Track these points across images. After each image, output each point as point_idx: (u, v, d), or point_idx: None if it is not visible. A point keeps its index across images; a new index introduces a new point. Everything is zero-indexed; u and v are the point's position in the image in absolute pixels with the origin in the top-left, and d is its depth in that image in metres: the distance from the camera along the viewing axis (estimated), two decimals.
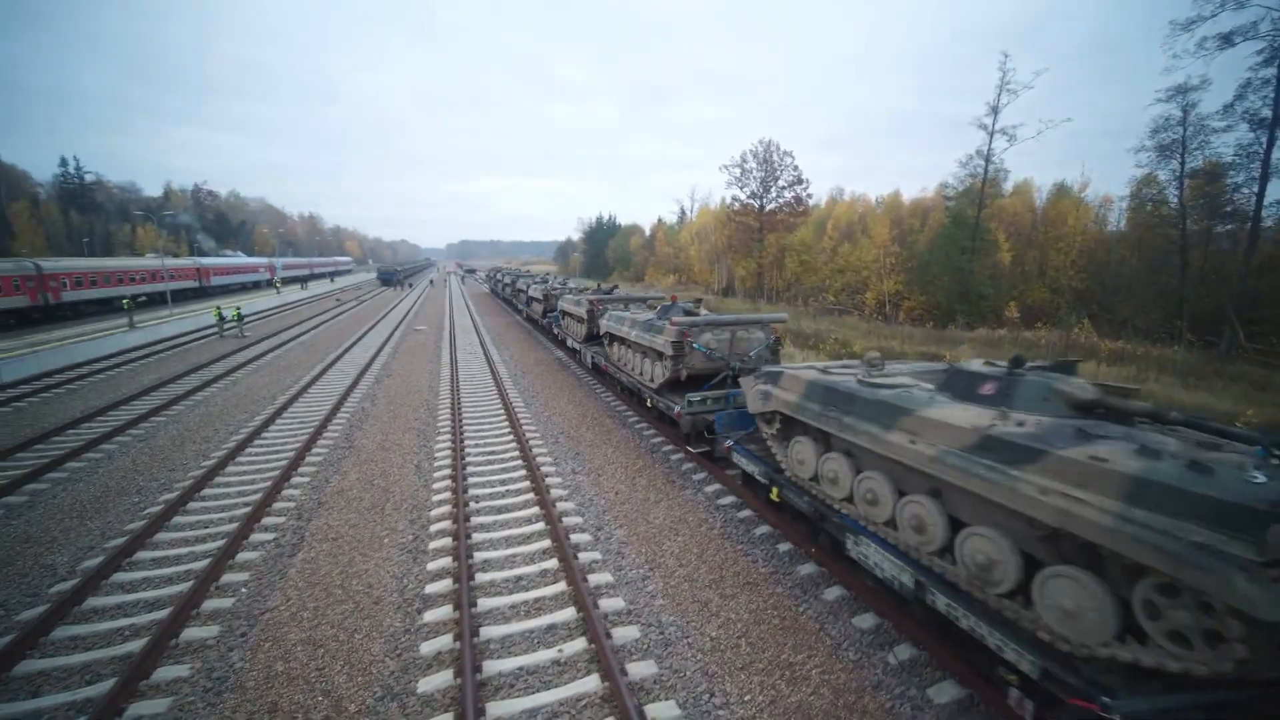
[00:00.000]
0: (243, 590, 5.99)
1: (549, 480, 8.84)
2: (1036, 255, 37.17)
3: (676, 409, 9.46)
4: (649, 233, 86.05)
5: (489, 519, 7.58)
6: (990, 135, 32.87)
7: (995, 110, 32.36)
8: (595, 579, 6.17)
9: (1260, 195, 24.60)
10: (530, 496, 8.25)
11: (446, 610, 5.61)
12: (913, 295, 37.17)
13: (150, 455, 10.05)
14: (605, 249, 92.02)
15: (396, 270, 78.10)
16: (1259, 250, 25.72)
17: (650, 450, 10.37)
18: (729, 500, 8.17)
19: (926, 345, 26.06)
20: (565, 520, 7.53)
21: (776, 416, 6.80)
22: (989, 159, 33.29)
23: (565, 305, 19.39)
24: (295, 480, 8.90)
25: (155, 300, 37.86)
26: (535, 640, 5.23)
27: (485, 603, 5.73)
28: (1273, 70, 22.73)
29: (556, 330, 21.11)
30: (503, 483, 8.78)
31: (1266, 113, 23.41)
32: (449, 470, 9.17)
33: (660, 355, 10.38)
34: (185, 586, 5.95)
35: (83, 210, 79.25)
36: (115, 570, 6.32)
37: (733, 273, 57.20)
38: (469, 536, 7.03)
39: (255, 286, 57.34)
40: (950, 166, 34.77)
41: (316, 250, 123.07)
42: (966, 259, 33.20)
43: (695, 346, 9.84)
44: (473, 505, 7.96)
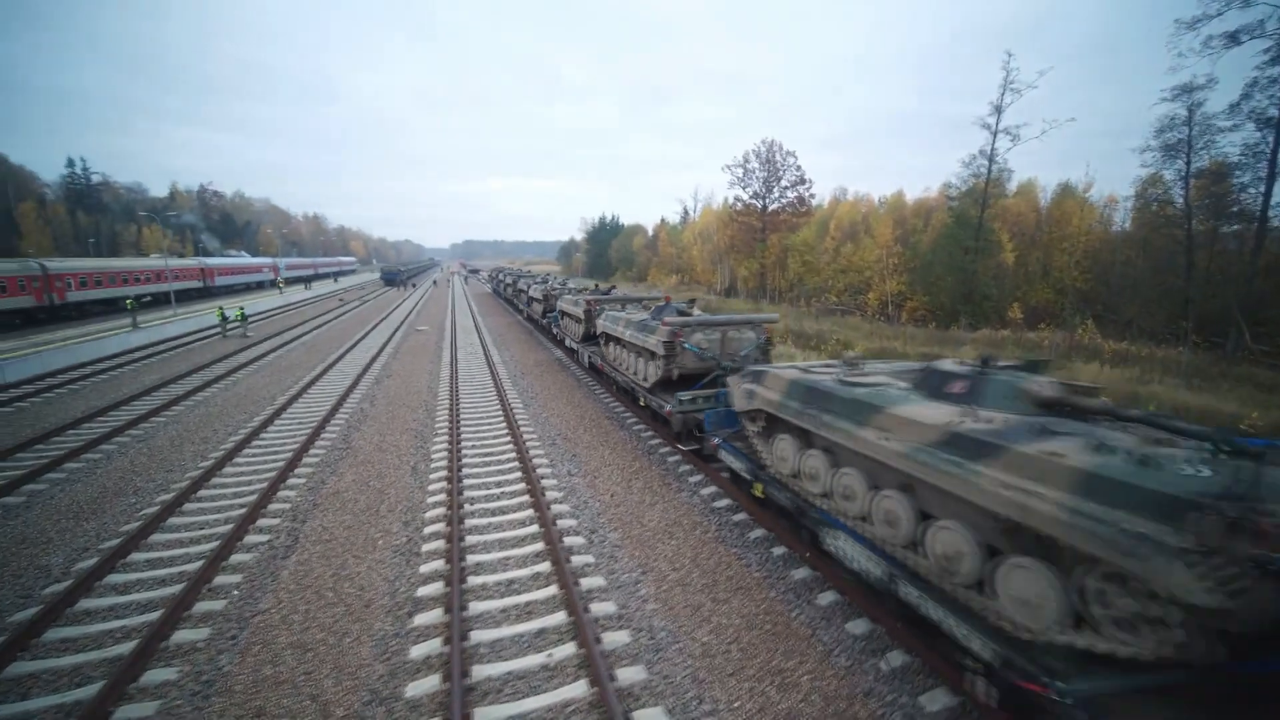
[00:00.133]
0: (234, 593, 5.99)
1: (545, 482, 8.82)
2: (1040, 256, 36.96)
3: (667, 407, 9.57)
4: (652, 233, 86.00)
5: (483, 521, 7.57)
6: (994, 135, 32.72)
7: (999, 110, 32.20)
8: (588, 582, 6.14)
9: (1267, 195, 24.38)
10: (525, 499, 8.23)
11: (437, 613, 5.59)
12: (915, 296, 37.00)
13: (149, 456, 10.08)
14: (608, 249, 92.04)
15: (400, 270, 78.32)
16: (1266, 251, 25.48)
17: (647, 452, 10.33)
18: (724, 503, 8.13)
19: (929, 346, 25.90)
20: (560, 523, 7.50)
21: (760, 415, 6.94)
22: (992, 159, 33.11)
23: (564, 305, 19.43)
24: (292, 481, 8.91)
25: (160, 300, 38.07)
26: (525, 645, 5.20)
27: (476, 606, 5.71)
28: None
29: (556, 330, 21.15)
30: (498, 485, 8.76)
31: (1273, 112, 23.19)
32: (445, 472, 9.16)
33: (653, 355, 10.48)
34: (178, 588, 5.96)
35: (89, 210, 79.74)
36: (109, 572, 6.33)
37: (735, 273, 57.10)
38: (463, 539, 7.02)
39: (259, 287, 57.62)
40: (954, 166, 34.69)
41: (321, 250, 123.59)
42: (970, 259, 33.03)
43: (687, 346, 9.95)
44: (467, 507, 7.95)
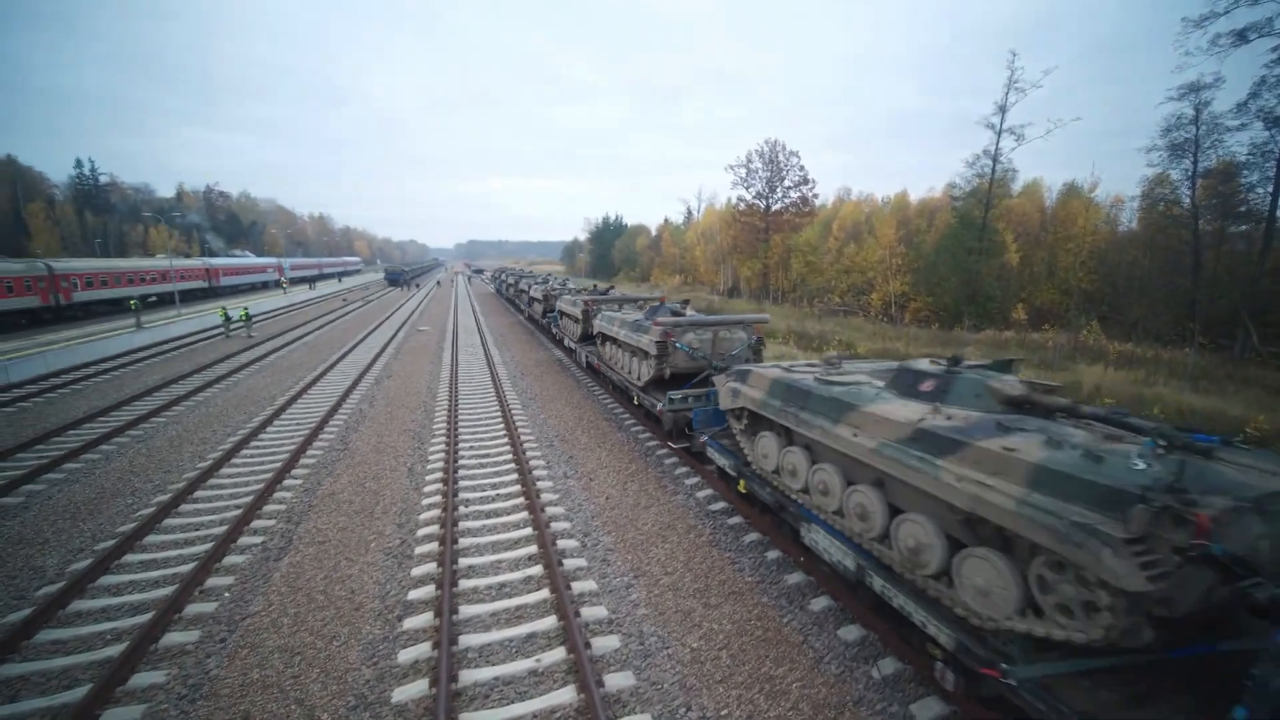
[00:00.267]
0: (226, 595, 5.99)
1: (540, 485, 8.80)
2: (1045, 256, 36.66)
3: (659, 406, 9.76)
4: (655, 233, 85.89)
5: (477, 524, 7.55)
6: (998, 134, 32.45)
7: (1003, 109, 31.94)
8: (579, 586, 6.11)
9: (1275, 195, 24.08)
10: (520, 501, 8.21)
11: (427, 617, 5.57)
12: (919, 296, 36.80)
13: (147, 456, 10.12)
14: (611, 249, 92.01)
15: (404, 270, 78.53)
16: (1274, 251, 25.14)
17: (644, 454, 10.30)
18: (720, 506, 8.08)
19: (932, 347, 25.73)
20: (553, 526, 7.48)
21: (745, 413, 7.10)
22: (996, 158, 32.85)
23: (562, 305, 19.53)
24: (288, 483, 8.92)
25: (166, 300, 38.30)
26: (514, 649, 5.18)
27: (467, 610, 5.69)
28: None
29: (555, 330, 21.24)
30: (494, 487, 8.74)
31: None
32: (441, 474, 9.15)
33: (646, 354, 10.63)
34: (170, 590, 5.96)
35: (97, 211, 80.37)
36: (102, 573, 6.34)
37: (738, 273, 56.96)
38: (456, 541, 7.00)
39: (264, 287, 57.89)
40: (959, 165, 34.39)
41: (326, 250, 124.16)
42: (973, 260, 32.80)
43: (679, 346, 10.10)
44: (462, 510, 7.93)
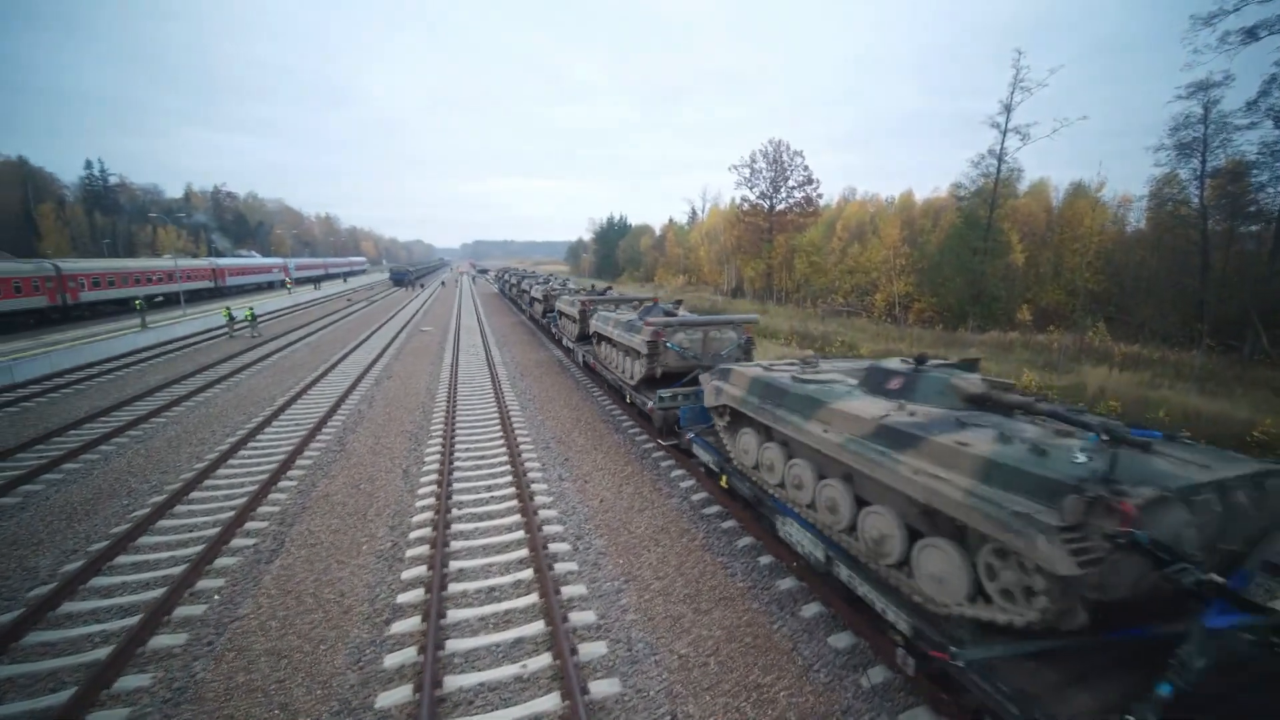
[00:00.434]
0: (215, 597, 5.99)
1: (534, 487, 8.77)
2: (1051, 256, 36.35)
3: (649, 404, 9.96)
4: (659, 233, 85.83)
5: (470, 526, 7.52)
6: (1003, 134, 32.16)
7: (1008, 108, 31.64)
8: (569, 591, 6.07)
9: None
10: (514, 504, 8.18)
11: (415, 621, 5.54)
12: (923, 297, 36.56)
13: (145, 457, 10.16)
14: (616, 249, 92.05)
15: (409, 271, 78.78)
16: None
17: (640, 456, 10.25)
18: (714, 510, 8.02)
19: (935, 348, 25.56)
20: (546, 529, 7.44)
21: (727, 410, 7.31)
22: (1001, 158, 32.56)
23: (561, 305, 19.64)
24: (283, 484, 8.92)
25: (173, 300, 38.58)
26: (501, 655, 5.14)
27: (455, 614, 5.66)
28: None
29: (554, 330, 21.35)
30: (488, 489, 8.72)
31: None
32: (436, 476, 9.14)
33: (638, 354, 10.77)
34: (160, 592, 5.96)
35: (106, 211, 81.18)
36: (94, 574, 6.35)
37: (742, 274, 56.81)
38: (447, 544, 6.98)
39: (270, 287, 58.25)
40: (965, 165, 34.05)
41: (333, 251, 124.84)
42: (978, 260, 32.54)
43: (669, 346, 10.31)
44: (455, 512, 7.91)
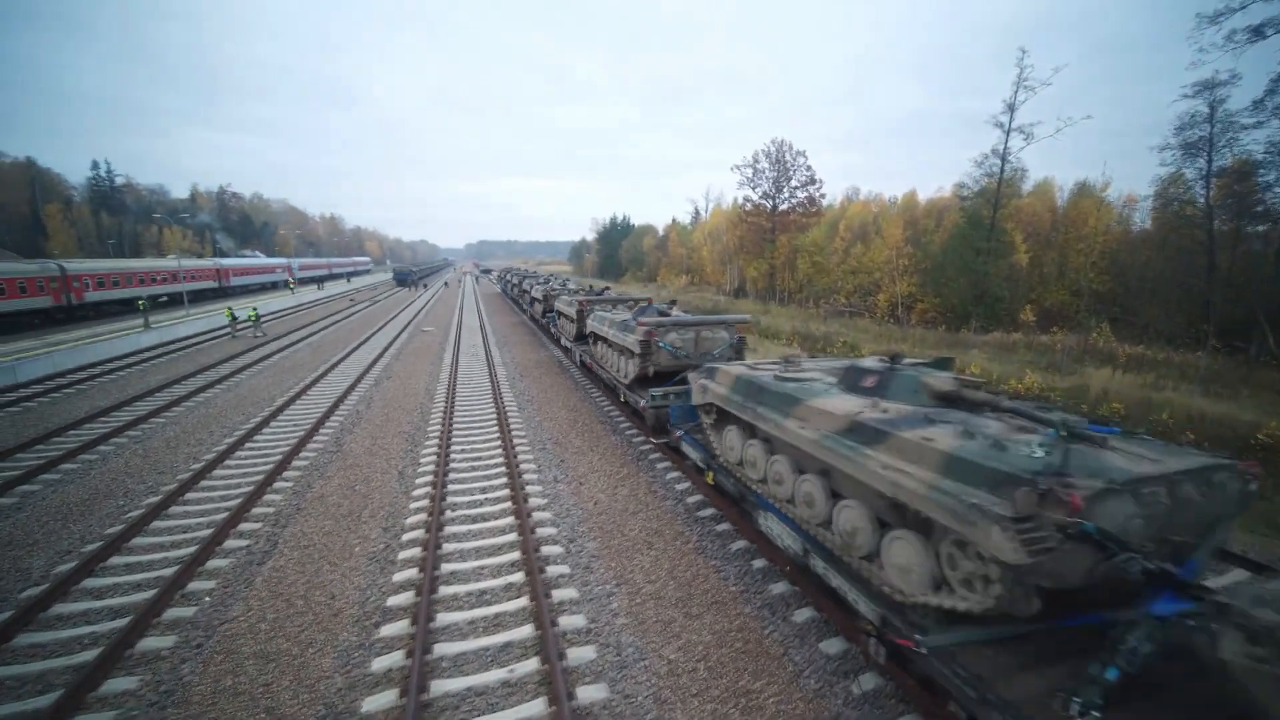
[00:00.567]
0: (206, 599, 5.99)
1: (529, 489, 8.74)
2: (1056, 257, 36.10)
3: (642, 403, 10.24)
4: (663, 233, 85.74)
5: (463, 529, 7.50)
6: (1006, 133, 31.96)
7: (1012, 108, 31.44)
8: (559, 594, 6.04)
9: None
10: (508, 506, 8.15)
11: (404, 625, 5.52)
12: (926, 298, 36.38)
13: (143, 458, 10.19)
14: (619, 249, 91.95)
15: (412, 271, 79.00)
16: None
17: (636, 458, 10.21)
18: (709, 513, 7.97)
19: (938, 349, 25.41)
20: (539, 531, 7.41)
21: (713, 408, 7.47)
22: (1005, 158, 32.36)
23: (560, 305, 19.70)
24: (278, 485, 8.93)
25: (177, 300, 38.79)
26: (489, 659, 5.11)
27: (444, 617, 5.64)
28: None
29: (553, 330, 21.40)
30: (483, 491, 8.70)
31: None
32: (431, 477, 9.12)
33: (632, 353, 10.92)
34: (151, 594, 5.96)
35: (112, 212, 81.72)
36: (87, 576, 6.36)
37: (744, 274, 56.68)
38: (439, 547, 6.96)
39: (274, 287, 58.46)
40: (969, 165, 33.70)
41: (338, 251, 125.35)
42: (981, 260, 32.34)
43: (662, 345, 10.46)
44: (449, 514, 7.89)
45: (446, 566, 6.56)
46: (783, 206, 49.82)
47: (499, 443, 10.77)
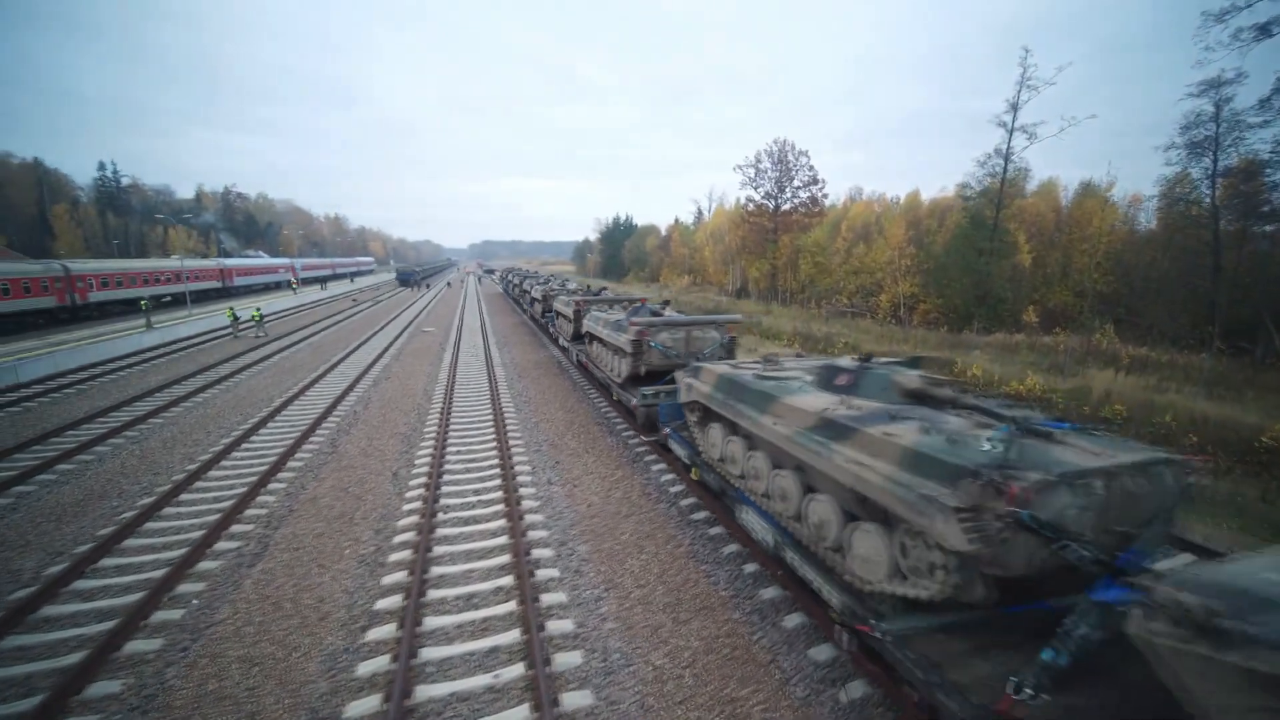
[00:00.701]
0: (194, 602, 5.97)
1: (523, 491, 8.70)
2: (1060, 257, 35.86)
3: (633, 401, 10.46)
4: (665, 233, 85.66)
5: (454, 531, 7.47)
6: (1010, 133, 31.80)
7: (1015, 107, 31.26)
8: (548, 599, 6.00)
9: None
10: (501, 508, 8.12)
11: (390, 629, 5.49)
12: (928, 298, 36.20)
13: (139, 458, 10.21)
14: (622, 249, 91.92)
15: (415, 271, 79.21)
16: None
17: (631, 460, 10.16)
18: (702, 516, 7.92)
19: (940, 350, 25.25)
20: (530, 534, 7.37)
21: (697, 406, 7.59)
22: (1008, 157, 32.19)
23: (558, 305, 19.85)
24: (272, 486, 8.92)
25: (180, 301, 38.97)
26: (474, 664, 5.07)
27: (431, 621, 5.61)
28: None
29: (552, 330, 21.54)
30: (476, 493, 8.67)
31: None
32: (425, 479, 9.10)
33: (624, 352, 11.07)
34: (139, 596, 5.95)
35: (119, 212, 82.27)
36: (77, 577, 6.36)
37: (746, 274, 56.56)
38: (430, 549, 6.93)
39: (277, 287, 58.67)
40: (971, 165, 33.38)
41: (342, 251, 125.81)
42: (984, 261, 32.16)
43: (653, 345, 10.68)
44: (441, 516, 7.87)
45: (436, 570, 6.54)
46: (785, 206, 49.65)
47: (494, 444, 10.74)
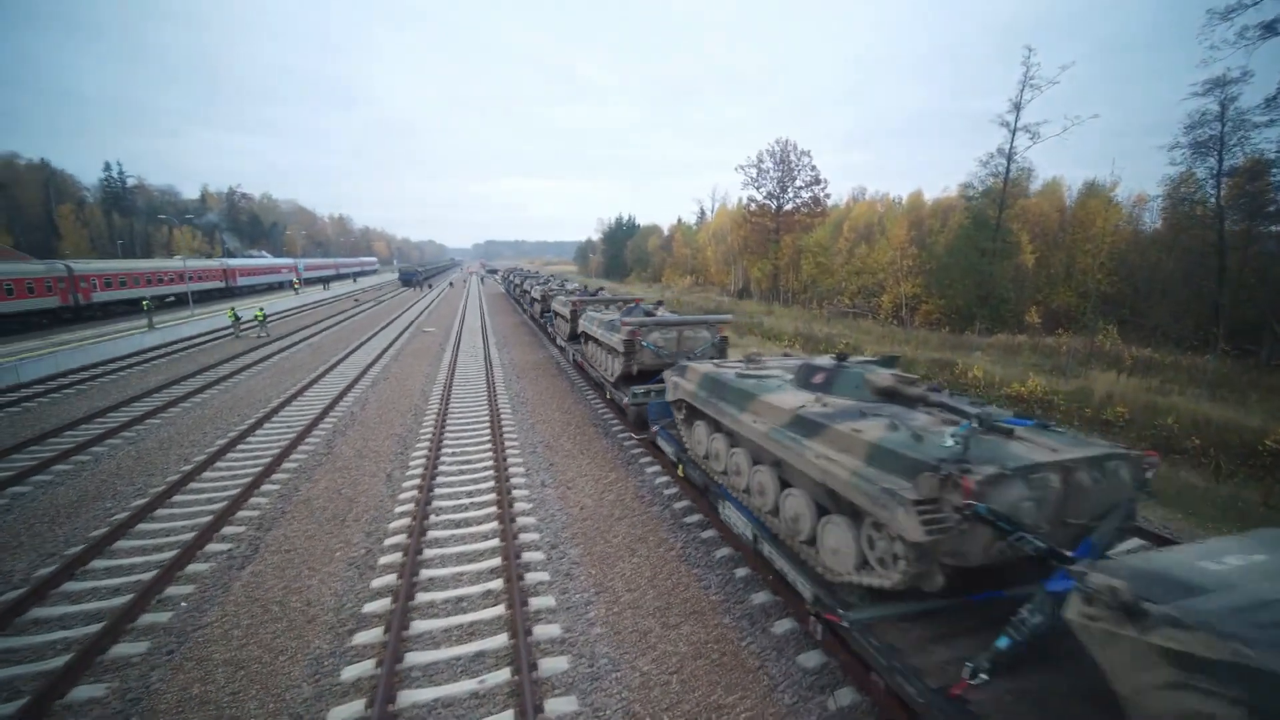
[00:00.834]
0: (183, 604, 5.96)
1: (516, 493, 8.67)
2: (1063, 257, 35.63)
3: (625, 400, 10.68)
4: (668, 233, 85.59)
5: (445, 534, 7.44)
6: (1013, 132, 31.62)
7: (1018, 107, 31.11)
8: (537, 602, 5.96)
9: None
10: (493, 510, 8.09)
11: (377, 632, 5.46)
12: (930, 299, 36.03)
13: (135, 459, 10.22)
14: (624, 250, 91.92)
15: (417, 271, 79.30)
16: None
17: (626, 462, 10.12)
18: (695, 519, 7.87)
19: (941, 351, 25.12)
20: (522, 537, 7.34)
21: (683, 404, 7.73)
22: (1011, 157, 32.02)
23: (555, 305, 20.04)
24: (266, 488, 8.91)
25: (184, 301, 39.12)
26: (460, 669, 5.04)
27: (418, 625, 5.58)
28: None
29: (550, 329, 21.62)
30: (469, 495, 8.64)
31: None
32: (419, 481, 9.08)
33: (617, 352, 11.21)
34: (128, 598, 5.94)
35: (124, 213, 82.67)
36: (67, 579, 6.35)
37: (749, 274, 56.45)
38: (420, 552, 6.91)
39: (280, 287, 58.87)
40: (974, 165, 33.20)
41: (346, 251, 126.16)
42: (986, 261, 31.99)
43: (645, 344, 10.82)
44: (433, 519, 7.84)
45: (426, 572, 6.51)
46: (787, 207, 49.61)
47: (489, 446, 10.71)
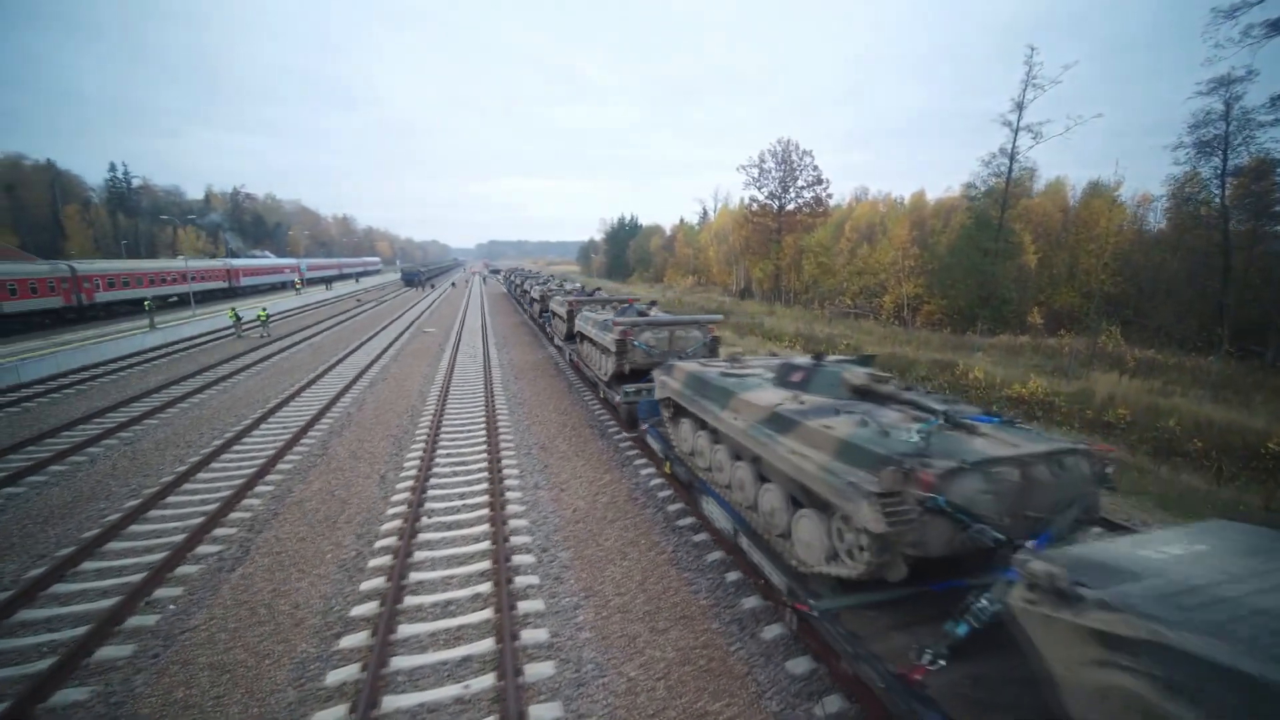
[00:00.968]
0: (170, 607, 5.94)
1: (509, 495, 8.64)
2: (1066, 258, 35.42)
3: (617, 398, 10.90)
4: (670, 233, 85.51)
5: (436, 536, 7.42)
6: (1015, 132, 31.44)
7: (1020, 106, 30.93)
8: (526, 606, 5.92)
9: None
10: (485, 513, 8.06)
11: (364, 636, 5.44)
12: (932, 299, 35.88)
13: (130, 460, 10.24)
14: (626, 250, 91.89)
15: (419, 271, 79.43)
16: None
17: (621, 464, 10.07)
18: (688, 521, 7.83)
19: (943, 352, 24.99)
20: (513, 540, 7.30)
21: (670, 402, 7.84)
22: (1013, 157, 31.84)
23: (553, 305, 20.16)
24: (259, 489, 8.91)
25: (186, 301, 39.27)
26: (445, 674, 5.00)
27: (405, 629, 5.55)
28: None
29: (549, 329, 21.70)
30: (461, 497, 8.61)
31: None
32: (412, 482, 9.06)
33: (610, 351, 11.35)
34: (116, 600, 5.93)
35: (129, 213, 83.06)
36: (56, 581, 6.35)
37: (750, 274, 56.35)
38: (410, 554, 6.88)
39: (283, 287, 59.04)
40: (976, 165, 32.99)
41: (350, 251, 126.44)
42: (988, 261, 31.82)
43: (637, 344, 11.00)
44: (424, 521, 7.81)
45: (415, 575, 6.48)
46: (789, 207, 49.50)
47: (484, 447, 10.69)
